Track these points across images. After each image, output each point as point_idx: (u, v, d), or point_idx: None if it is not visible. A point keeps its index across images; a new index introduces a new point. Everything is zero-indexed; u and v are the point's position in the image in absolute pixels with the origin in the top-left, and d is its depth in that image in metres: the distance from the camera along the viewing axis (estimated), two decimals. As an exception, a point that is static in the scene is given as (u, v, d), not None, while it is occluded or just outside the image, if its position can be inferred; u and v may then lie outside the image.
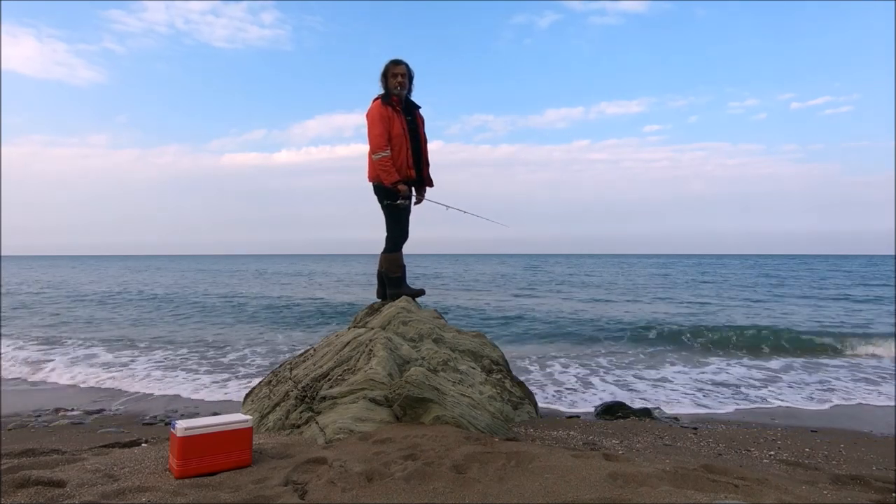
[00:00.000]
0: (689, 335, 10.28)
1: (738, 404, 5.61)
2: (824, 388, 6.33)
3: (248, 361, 8.32)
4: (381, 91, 4.46)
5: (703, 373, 7.25)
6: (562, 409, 5.37)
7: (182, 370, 7.64)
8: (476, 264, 61.95)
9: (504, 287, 24.71)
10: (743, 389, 6.26)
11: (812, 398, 5.87)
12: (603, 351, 9.07)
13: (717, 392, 6.14)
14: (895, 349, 8.78)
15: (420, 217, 4.72)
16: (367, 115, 4.40)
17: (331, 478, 2.11)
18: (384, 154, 4.33)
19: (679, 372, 7.31)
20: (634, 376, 6.98)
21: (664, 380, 6.78)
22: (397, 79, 4.42)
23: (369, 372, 3.28)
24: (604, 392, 6.11)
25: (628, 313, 13.83)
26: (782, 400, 5.77)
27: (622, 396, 5.79)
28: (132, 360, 8.39)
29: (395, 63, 4.42)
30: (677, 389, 6.26)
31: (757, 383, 6.59)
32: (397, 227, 4.61)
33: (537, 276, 34.65)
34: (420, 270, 40.00)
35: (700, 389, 6.26)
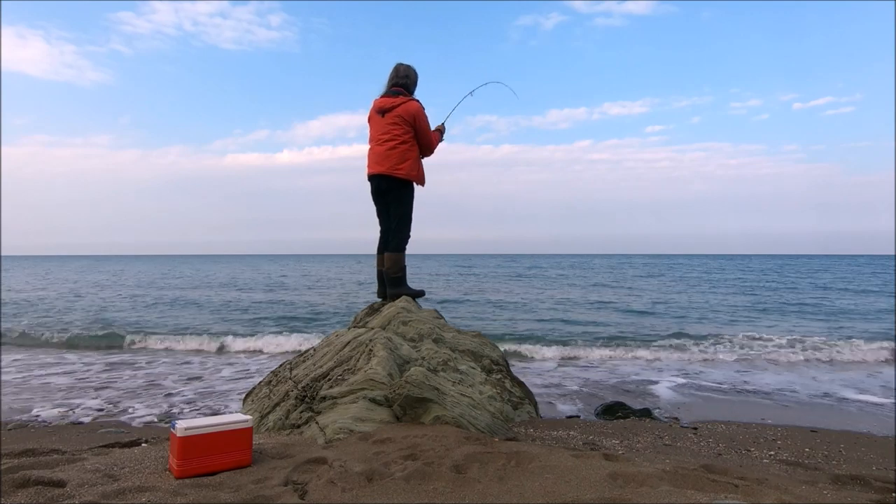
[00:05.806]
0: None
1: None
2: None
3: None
4: (409, 93, 4.55)
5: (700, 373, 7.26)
6: (562, 409, 5.37)
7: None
8: (423, 263, 59.80)
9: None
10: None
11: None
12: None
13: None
14: (895, 347, 8.81)
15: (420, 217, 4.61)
16: (416, 113, 4.45)
17: (331, 478, 2.11)
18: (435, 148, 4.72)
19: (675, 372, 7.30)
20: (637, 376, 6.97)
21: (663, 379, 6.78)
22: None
23: (369, 372, 3.28)
24: (604, 392, 6.11)
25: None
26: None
27: (622, 397, 5.78)
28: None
29: None
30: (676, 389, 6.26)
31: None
32: (408, 227, 4.66)
33: (451, 281, 29.23)
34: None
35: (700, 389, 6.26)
